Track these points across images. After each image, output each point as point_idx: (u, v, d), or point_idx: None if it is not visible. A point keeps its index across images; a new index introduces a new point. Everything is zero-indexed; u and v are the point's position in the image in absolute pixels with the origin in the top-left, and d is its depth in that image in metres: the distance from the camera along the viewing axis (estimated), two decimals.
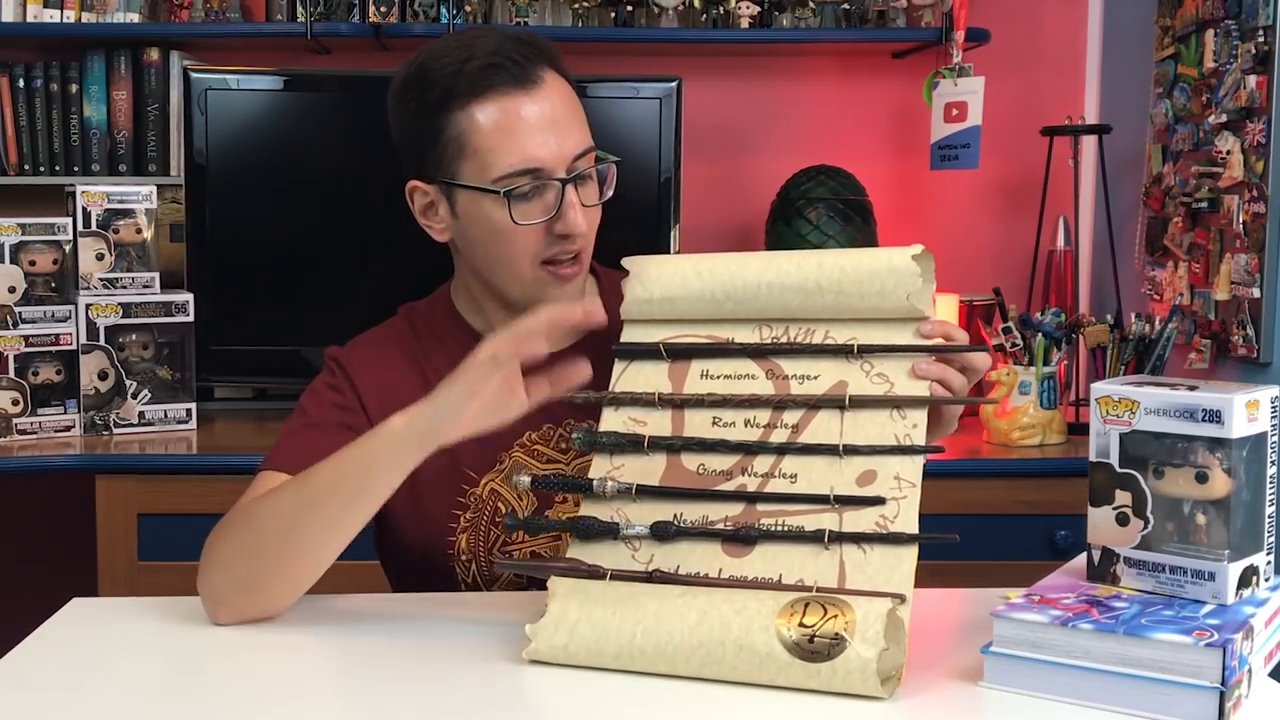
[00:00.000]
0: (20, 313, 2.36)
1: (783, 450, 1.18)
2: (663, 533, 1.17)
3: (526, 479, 1.26)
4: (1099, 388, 1.15)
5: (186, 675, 1.17)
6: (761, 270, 1.23)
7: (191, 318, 2.46)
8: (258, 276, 2.57)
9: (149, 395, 2.43)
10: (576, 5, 2.70)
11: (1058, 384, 2.44)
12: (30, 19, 2.64)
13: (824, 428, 1.18)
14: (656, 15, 2.71)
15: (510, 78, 1.35)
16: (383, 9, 2.63)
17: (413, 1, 2.68)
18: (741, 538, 1.15)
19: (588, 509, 1.21)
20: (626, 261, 1.30)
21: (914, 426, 1.16)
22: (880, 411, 1.18)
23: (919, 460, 1.15)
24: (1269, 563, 1.14)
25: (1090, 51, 2.93)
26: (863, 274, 1.20)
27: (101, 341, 2.40)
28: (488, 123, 1.34)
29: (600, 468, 1.23)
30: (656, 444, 1.22)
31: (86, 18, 2.66)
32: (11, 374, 2.35)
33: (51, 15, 2.65)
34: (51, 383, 2.39)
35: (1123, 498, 1.13)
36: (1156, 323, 2.41)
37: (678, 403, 1.24)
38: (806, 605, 1.07)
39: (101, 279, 2.41)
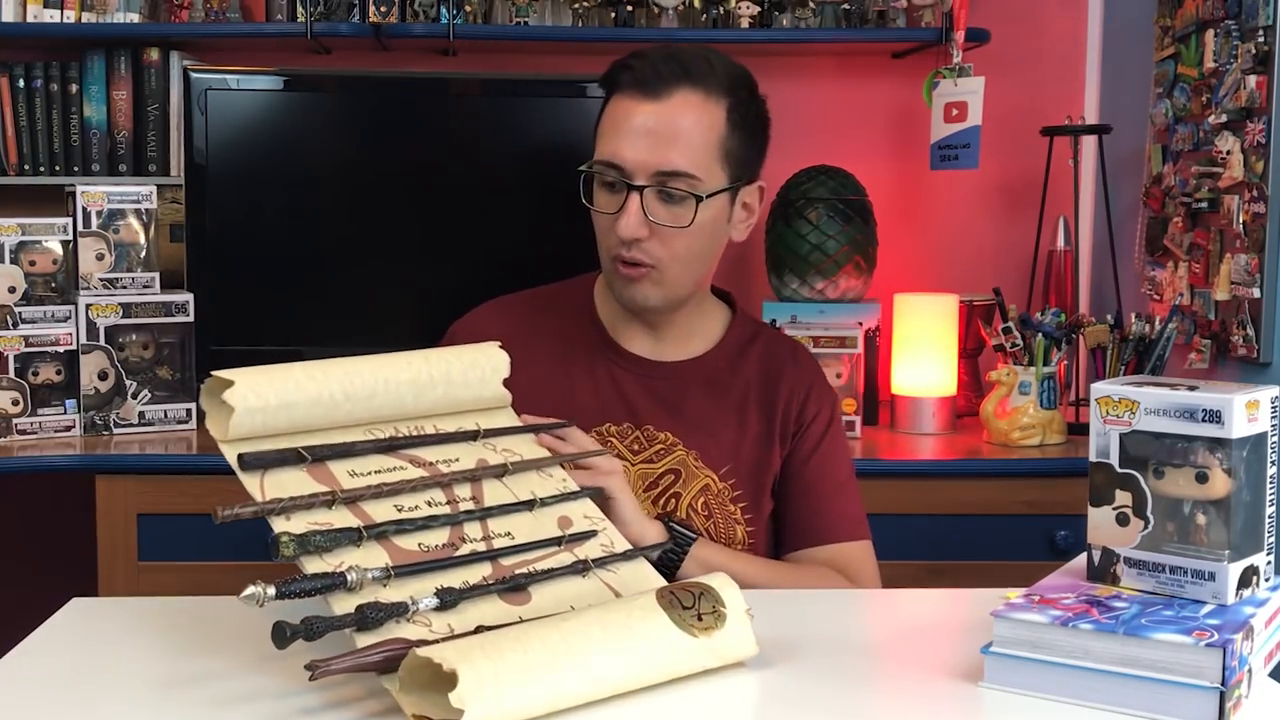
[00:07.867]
0: (20, 313, 2.36)
1: (484, 515, 1.20)
2: (448, 598, 1.09)
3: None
4: (1099, 388, 1.15)
5: (186, 675, 1.17)
6: (376, 368, 1.24)
7: (191, 318, 2.46)
8: (258, 276, 2.57)
9: (149, 395, 2.43)
10: (576, 5, 2.70)
11: (1058, 384, 2.44)
12: (30, 19, 2.64)
13: (495, 493, 1.23)
14: (656, 15, 2.71)
15: (636, 81, 1.45)
16: (383, 9, 2.63)
17: (413, 1, 2.68)
18: (515, 586, 1.14)
19: (345, 606, 1.06)
20: (222, 373, 1.20)
21: (564, 480, 1.28)
22: (529, 474, 1.27)
23: (589, 502, 1.27)
24: (1269, 563, 1.14)
25: (1090, 51, 2.93)
26: (465, 363, 1.28)
27: (101, 341, 2.40)
28: (608, 114, 1.49)
29: (320, 569, 1.08)
30: (368, 533, 1.12)
31: (86, 18, 2.66)
32: (11, 374, 2.35)
33: (51, 15, 2.65)
34: (51, 383, 2.38)
35: (1123, 498, 1.13)
36: (1156, 323, 2.41)
37: (352, 499, 1.15)
38: (673, 594, 1.10)
39: (101, 279, 2.41)
